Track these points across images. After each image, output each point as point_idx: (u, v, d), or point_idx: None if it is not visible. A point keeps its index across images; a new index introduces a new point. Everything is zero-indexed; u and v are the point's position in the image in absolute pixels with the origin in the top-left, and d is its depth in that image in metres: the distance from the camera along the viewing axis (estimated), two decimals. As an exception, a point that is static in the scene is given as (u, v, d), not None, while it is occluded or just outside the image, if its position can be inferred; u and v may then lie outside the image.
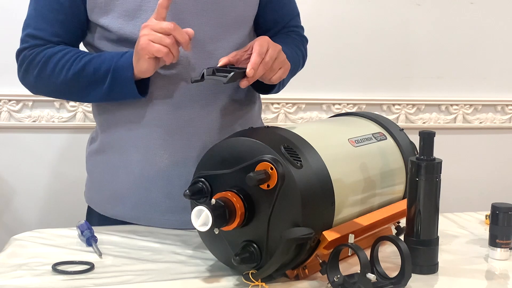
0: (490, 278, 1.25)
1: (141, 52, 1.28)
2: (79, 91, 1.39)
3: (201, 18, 1.37)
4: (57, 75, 1.37)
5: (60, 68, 1.36)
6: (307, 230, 1.07)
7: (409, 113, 2.46)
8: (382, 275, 1.16)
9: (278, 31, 1.54)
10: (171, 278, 1.17)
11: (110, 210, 1.47)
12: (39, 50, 1.38)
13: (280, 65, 1.34)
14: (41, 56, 1.37)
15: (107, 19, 1.35)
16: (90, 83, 1.35)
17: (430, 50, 2.44)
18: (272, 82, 1.35)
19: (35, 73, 1.39)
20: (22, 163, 2.22)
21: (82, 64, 1.35)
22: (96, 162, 1.49)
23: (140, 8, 1.34)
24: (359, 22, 2.36)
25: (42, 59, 1.37)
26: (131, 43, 1.35)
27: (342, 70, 2.37)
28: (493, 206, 1.30)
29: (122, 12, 1.35)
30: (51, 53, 1.37)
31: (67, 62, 1.36)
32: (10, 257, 1.26)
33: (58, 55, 1.37)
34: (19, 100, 2.18)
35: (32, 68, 1.39)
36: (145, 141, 1.40)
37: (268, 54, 1.29)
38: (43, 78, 1.39)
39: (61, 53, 1.37)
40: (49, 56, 1.37)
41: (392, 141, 1.36)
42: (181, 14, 1.36)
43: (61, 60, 1.36)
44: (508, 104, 2.55)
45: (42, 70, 1.38)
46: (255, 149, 1.11)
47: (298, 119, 2.36)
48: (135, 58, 1.30)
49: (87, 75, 1.35)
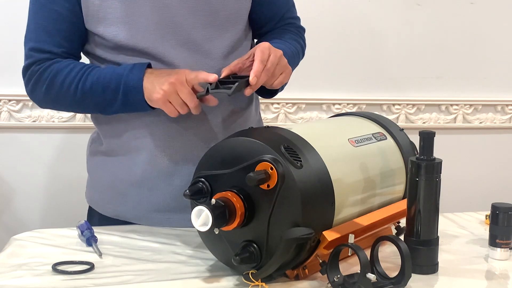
0: (490, 278, 1.25)
1: (154, 102, 1.30)
2: (91, 109, 1.42)
3: (193, 19, 1.37)
4: (65, 93, 1.36)
5: (67, 86, 1.35)
6: (307, 230, 1.07)
7: (409, 113, 2.46)
8: (382, 275, 1.16)
9: (275, 24, 1.54)
10: (171, 278, 1.17)
11: (111, 210, 1.47)
12: (45, 65, 1.37)
13: (282, 70, 1.34)
14: (48, 72, 1.36)
15: (101, 28, 1.35)
16: (101, 102, 1.35)
17: (430, 50, 2.44)
18: (274, 87, 1.36)
19: (43, 90, 1.38)
20: (22, 163, 2.22)
21: (89, 84, 1.34)
22: (97, 162, 1.49)
23: (132, 14, 1.34)
24: (359, 22, 2.36)
25: (49, 76, 1.36)
26: (127, 50, 1.35)
27: (342, 70, 2.37)
28: (493, 206, 1.30)
29: (114, 20, 1.34)
30: (57, 70, 1.36)
31: (74, 79, 1.34)
32: (10, 257, 1.26)
33: (64, 72, 1.35)
34: (19, 100, 2.18)
35: (40, 85, 1.38)
36: (147, 141, 1.40)
37: (269, 60, 1.29)
38: (51, 95, 1.38)
39: (67, 69, 1.35)
40: (56, 73, 1.36)
41: (392, 141, 1.36)
42: (174, 17, 1.36)
43: (67, 78, 1.35)
44: (508, 104, 2.54)
45: (50, 88, 1.37)
46: (255, 149, 1.11)
47: (298, 119, 2.36)
48: (146, 93, 1.30)
49: (97, 94, 1.34)
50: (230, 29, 1.42)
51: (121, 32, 1.34)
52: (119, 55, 1.37)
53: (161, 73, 1.31)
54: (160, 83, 1.28)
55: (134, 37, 1.34)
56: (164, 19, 1.35)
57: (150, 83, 1.30)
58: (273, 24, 1.54)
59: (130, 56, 1.36)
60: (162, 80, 1.28)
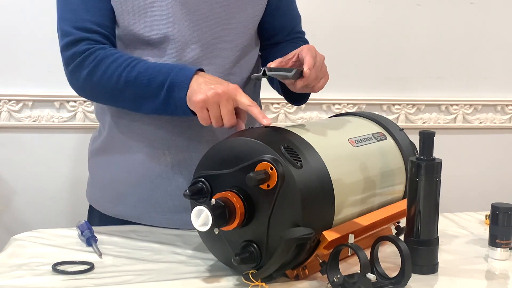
0: (490, 278, 1.25)
1: (193, 103, 1.23)
2: (129, 103, 1.34)
3: (211, 18, 1.38)
4: (107, 80, 1.30)
5: (111, 73, 1.30)
6: (307, 230, 1.07)
7: (409, 113, 2.46)
8: (382, 275, 1.16)
9: (283, 37, 1.55)
10: (171, 278, 1.17)
11: (112, 209, 1.47)
12: (91, 50, 1.32)
13: (323, 74, 1.35)
14: (93, 58, 1.31)
15: (119, 11, 1.35)
16: (142, 95, 1.30)
17: (430, 50, 2.44)
18: (315, 90, 1.35)
19: (84, 75, 1.32)
20: (22, 163, 2.22)
21: (135, 73, 1.29)
22: (99, 161, 1.49)
23: (152, 5, 1.34)
24: (359, 22, 2.36)
25: (94, 62, 1.31)
26: (139, 42, 1.35)
27: (342, 70, 2.37)
28: (493, 206, 1.30)
29: (133, 7, 1.34)
30: (103, 56, 1.31)
31: (119, 66, 1.29)
32: (10, 257, 1.26)
33: (110, 59, 1.30)
34: (19, 100, 2.18)
35: (82, 70, 1.32)
36: (149, 141, 1.40)
37: (318, 60, 1.30)
38: (93, 81, 1.32)
39: (113, 56, 1.31)
40: (101, 59, 1.30)
41: (392, 141, 1.36)
42: (192, 14, 1.36)
43: (112, 64, 1.30)
44: (508, 104, 2.55)
45: (92, 74, 1.31)
46: (255, 149, 1.11)
47: (298, 119, 2.36)
48: (189, 93, 1.24)
49: (141, 86, 1.29)
50: (243, 33, 1.43)
51: (137, 22, 1.34)
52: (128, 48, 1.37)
53: (212, 79, 1.26)
54: (208, 88, 1.22)
55: (149, 29, 1.34)
56: (183, 15, 1.35)
57: (198, 84, 1.24)
58: (281, 37, 1.55)
59: (141, 49, 1.36)
60: (211, 87, 1.23)
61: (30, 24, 2.15)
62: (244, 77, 1.45)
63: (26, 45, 2.16)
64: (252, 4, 1.44)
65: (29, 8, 2.14)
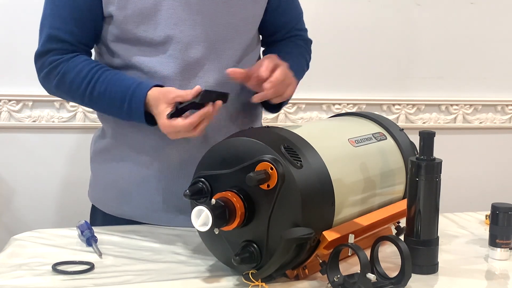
0: (490, 278, 1.26)
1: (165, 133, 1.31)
2: (99, 111, 1.46)
3: (213, 19, 1.38)
4: (74, 94, 1.39)
5: (76, 88, 1.37)
6: (307, 230, 1.07)
7: (409, 113, 2.46)
8: (382, 275, 1.16)
9: (285, 34, 1.56)
10: (171, 278, 1.17)
11: (115, 208, 1.47)
12: (57, 61, 1.38)
13: (288, 82, 1.38)
14: (58, 70, 1.38)
15: (121, 16, 1.35)
16: (108, 111, 1.40)
17: (430, 50, 2.44)
18: (284, 98, 1.40)
19: (53, 84, 1.41)
20: (22, 163, 2.22)
21: (96, 94, 1.36)
22: (103, 161, 1.49)
23: (154, 7, 1.34)
24: (359, 22, 2.36)
25: (59, 73, 1.38)
26: (142, 44, 1.36)
27: (342, 70, 2.37)
28: (493, 206, 1.30)
29: (136, 10, 1.34)
30: (65, 71, 1.37)
31: (81, 84, 1.36)
32: (10, 257, 1.26)
33: (72, 73, 1.37)
34: (19, 100, 2.18)
35: (51, 79, 1.40)
36: (153, 141, 1.40)
37: (277, 73, 1.33)
38: (62, 92, 1.42)
39: (75, 70, 1.37)
40: (64, 74, 1.37)
41: (392, 141, 1.36)
42: (196, 15, 1.36)
43: (75, 80, 1.37)
44: (508, 104, 2.54)
45: (60, 85, 1.40)
46: (255, 149, 1.11)
47: (298, 119, 2.36)
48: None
49: (103, 105, 1.38)
50: (245, 32, 1.43)
51: (141, 25, 1.35)
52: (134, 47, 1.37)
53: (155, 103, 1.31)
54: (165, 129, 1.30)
55: (152, 31, 1.35)
56: (187, 17, 1.35)
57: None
58: (283, 34, 1.56)
59: (144, 51, 1.36)
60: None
61: (30, 24, 2.14)
62: None
63: (26, 45, 2.15)
64: (253, 4, 1.44)
65: (29, 8, 2.14)
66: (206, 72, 1.38)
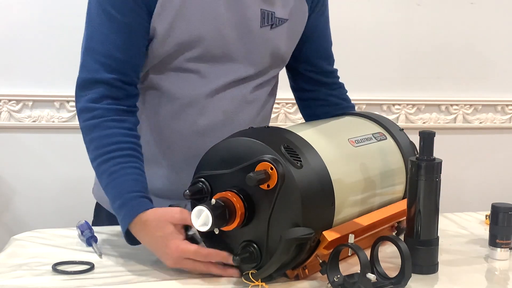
0: (490, 278, 1.25)
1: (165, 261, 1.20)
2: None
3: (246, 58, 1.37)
4: (90, 149, 1.30)
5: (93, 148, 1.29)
6: (307, 230, 1.07)
7: (409, 113, 2.46)
8: (382, 275, 1.16)
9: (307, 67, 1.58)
10: (171, 278, 1.17)
11: None
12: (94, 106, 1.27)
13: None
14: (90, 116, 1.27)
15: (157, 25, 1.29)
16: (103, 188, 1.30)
17: (430, 50, 2.44)
18: None
19: (80, 123, 1.31)
20: (22, 163, 2.22)
21: (99, 176, 1.29)
22: None
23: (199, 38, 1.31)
24: (359, 22, 2.37)
25: (87, 122, 1.28)
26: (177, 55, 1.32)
27: (342, 70, 2.36)
28: (493, 206, 1.30)
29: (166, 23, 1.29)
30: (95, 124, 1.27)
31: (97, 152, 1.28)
32: (10, 257, 1.26)
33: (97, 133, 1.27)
34: (19, 100, 2.18)
35: (80, 117, 1.30)
36: (160, 137, 1.39)
37: None
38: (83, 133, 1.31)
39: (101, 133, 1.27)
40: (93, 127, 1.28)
41: (392, 141, 1.36)
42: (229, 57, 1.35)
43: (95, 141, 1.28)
44: (508, 104, 2.55)
45: (84, 130, 1.30)
46: (255, 149, 1.11)
47: (298, 119, 2.36)
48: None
49: (102, 185, 1.29)
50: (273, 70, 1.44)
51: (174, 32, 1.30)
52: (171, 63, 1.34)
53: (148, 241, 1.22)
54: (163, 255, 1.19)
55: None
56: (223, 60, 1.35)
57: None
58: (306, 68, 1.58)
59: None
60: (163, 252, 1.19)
61: (30, 24, 2.15)
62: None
63: (26, 45, 2.16)
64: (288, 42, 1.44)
65: (30, 8, 2.14)
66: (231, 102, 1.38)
